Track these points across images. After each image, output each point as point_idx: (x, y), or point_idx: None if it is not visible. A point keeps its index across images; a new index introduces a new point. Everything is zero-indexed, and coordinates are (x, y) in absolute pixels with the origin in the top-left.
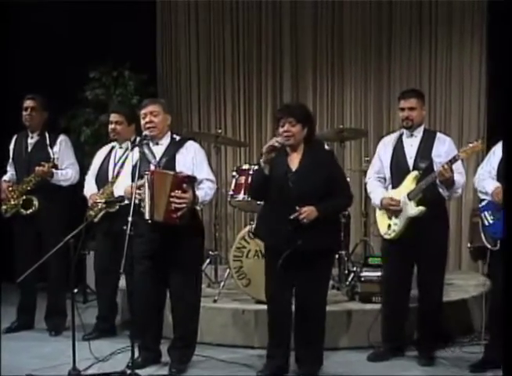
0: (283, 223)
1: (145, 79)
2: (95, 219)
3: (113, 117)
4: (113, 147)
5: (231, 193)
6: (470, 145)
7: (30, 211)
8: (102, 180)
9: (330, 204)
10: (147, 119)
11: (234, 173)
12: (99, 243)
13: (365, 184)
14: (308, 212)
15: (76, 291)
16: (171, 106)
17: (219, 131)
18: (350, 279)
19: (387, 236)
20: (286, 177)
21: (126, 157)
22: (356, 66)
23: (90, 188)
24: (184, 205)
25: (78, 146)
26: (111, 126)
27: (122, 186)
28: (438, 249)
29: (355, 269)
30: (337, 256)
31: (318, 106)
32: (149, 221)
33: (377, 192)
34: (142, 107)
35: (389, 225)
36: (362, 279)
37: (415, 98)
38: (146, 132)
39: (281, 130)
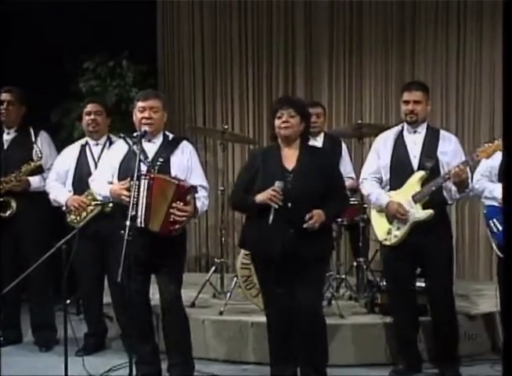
0: (279, 229)
1: (144, 70)
2: (81, 223)
3: (92, 107)
4: (83, 145)
5: None
6: (489, 144)
7: (8, 213)
8: (83, 182)
9: (335, 207)
10: (146, 114)
11: None
12: (82, 249)
13: (359, 184)
14: (317, 216)
15: (68, 301)
16: (173, 99)
17: (226, 126)
18: (369, 289)
19: (387, 242)
20: (282, 177)
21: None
22: (376, 56)
23: (62, 191)
24: (184, 219)
25: (71, 144)
26: (90, 117)
27: (100, 181)
28: (446, 254)
29: (374, 278)
30: (354, 264)
31: (334, 99)
32: (141, 227)
33: (380, 193)
34: (141, 99)
35: (389, 230)
36: (383, 289)
37: (421, 91)
38: (145, 128)
39: (278, 122)
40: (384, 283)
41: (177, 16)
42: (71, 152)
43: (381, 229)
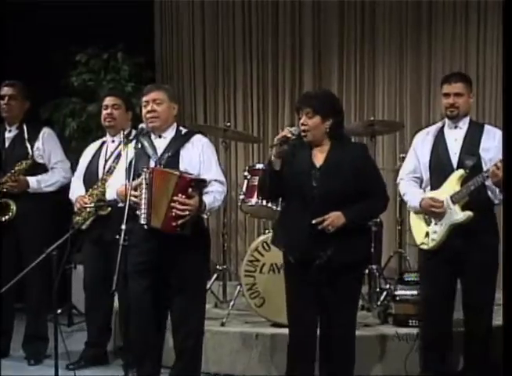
0: (303, 230)
1: (141, 63)
2: (83, 226)
3: (110, 100)
4: (103, 142)
5: (242, 196)
6: None
7: (7, 217)
8: (90, 179)
9: (360, 208)
10: (149, 108)
11: (246, 173)
12: (87, 255)
13: (397, 185)
14: (333, 218)
15: (59, 311)
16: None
17: (228, 124)
18: (382, 298)
19: (424, 246)
20: (309, 174)
21: (119, 153)
22: (390, 46)
23: (77, 190)
24: (187, 213)
25: (62, 142)
26: (107, 111)
27: (115, 186)
28: (489, 262)
29: (388, 286)
30: (366, 271)
31: (344, 94)
32: (145, 226)
33: (414, 193)
34: (144, 94)
35: (427, 233)
36: (397, 298)
37: (462, 82)
38: (143, 125)
39: (299, 122)
40: (400, 291)
41: (176, 4)
42: (91, 148)
43: (419, 232)
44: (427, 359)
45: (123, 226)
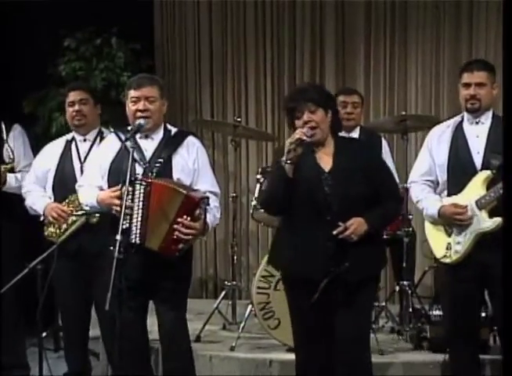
0: (321, 243)
1: (138, 49)
2: (61, 238)
3: (75, 94)
4: (68, 141)
5: (254, 203)
6: None
7: None
8: (65, 185)
9: (379, 213)
10: (140, 106)
11: (259, 176)
12: (62, 270)
13: (408, 189)
14: (355, 226)
15: (44, 335)
16: (173, 85)
17: (239, 119)
18: (415, 320)
19: (446, 260)
20: (319, 180)
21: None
22: (425, 33)
23: (40, 198)
24: (190, 238)
25: (48, 139)
26: (74, 108)
27: (90, 189)
28: None
29: (422, 306)
30: (397, 288)
31: (372, 86)
32: (138, 244)
33: (431, 199)
34: (134, 87)
35: (449, 245)
36: (433, 319)
37: (485, 71)
38: (140, 121)
39: (299, 123)
40: (437, 311)
41: None
42: (54, 149)
43: (439, 243)
44: None
45: (118, 237)
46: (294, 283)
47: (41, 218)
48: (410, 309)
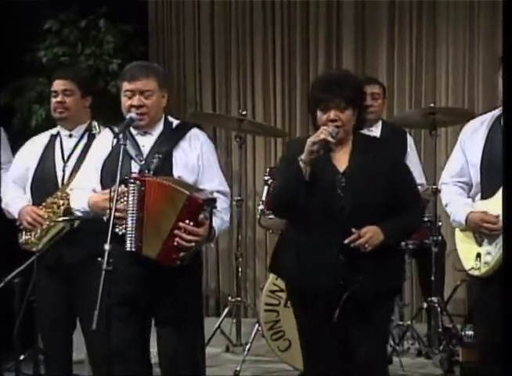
0: (331, 252)
1: (130, 32)
2: (38, 247)
3: (59, 84)
4: (53, 136)
5: (261, 207)
6: None
7: None
8: (45, 186)
9: (398, 223)
10: (135, 101)
11: (267, 177)
12: (41, 283)
13: (439, 191)
14: (371, 234)
15: (22, 358)
16: (170, 74)
17: (244, 113)
18: (446, 341)
19: (475, 272)
20: (332, 181)
21: (83, 151)
22: (457, 16)
23: (18, 200)
24: (193, 245)
25: (27, 134)
26: (57, 99)
27: (83, 193)
28: None
29: (453, 325)
30: (424, 305)
31: (396, 76)
32: (133, 251)
33: (460, 203)
34: (127, 79)
35: (478, 255)
36: (466, 341)
37: None
38: (131, 115)
39: (323, 117)
40: (470, 332)
41: None
42: (36, 144)
43: (468, 253)
44: None
45: (106, 246)
46: (300, 296)
47: (18, 223)
48: (440, 329)
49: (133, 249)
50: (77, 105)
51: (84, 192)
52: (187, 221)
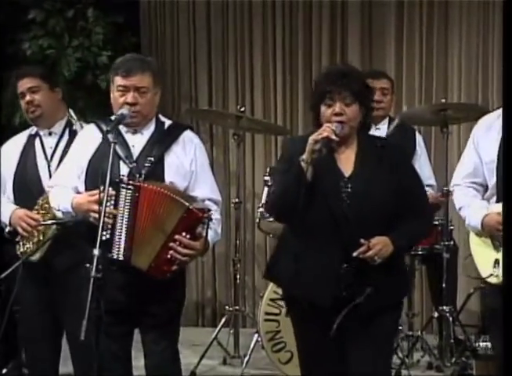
0: (335, 264)
1: (120, 23)
2: (36, 256)
3: (23, 83)
4: (32, 136)
5: (261, 209)
6: None
7: None
8: (28, 188)
9: (408, 232)
10: (129, 98)
11: (266, 178)
12: (24, 291)
13: (450, 194)
14: (380, 247)
15: (5, 371)
16: (163, 68)
17: (242, 109)
18: (458, 353)
19: (492, 280)
20: (336, 186)
21: (65, 149)
22: (470, 8)
23: (3, 204)
24: (187, 259)
25: (11, 131)
26: (25, 99)
27: (64, 192)
28: None
29: (466, 336)
30: (435, 315)
31: (404, 70)
32: (121, 260)
33: (474, 205)
34: (122, 74)
35: (497, 261)
36: (480, 353)
37: None
38: (122, 111)
39: (328, 112)
40: (484, 343)
41: None
42: (14, 146)
43: (485, 259)
44: None
45: (95, 252)
46: (298, 306)
47: (7, 229)
48: (452, 340)
49: (120, 258)
50: (47, 99)
51: (64, 190)
52: (184, 233)
